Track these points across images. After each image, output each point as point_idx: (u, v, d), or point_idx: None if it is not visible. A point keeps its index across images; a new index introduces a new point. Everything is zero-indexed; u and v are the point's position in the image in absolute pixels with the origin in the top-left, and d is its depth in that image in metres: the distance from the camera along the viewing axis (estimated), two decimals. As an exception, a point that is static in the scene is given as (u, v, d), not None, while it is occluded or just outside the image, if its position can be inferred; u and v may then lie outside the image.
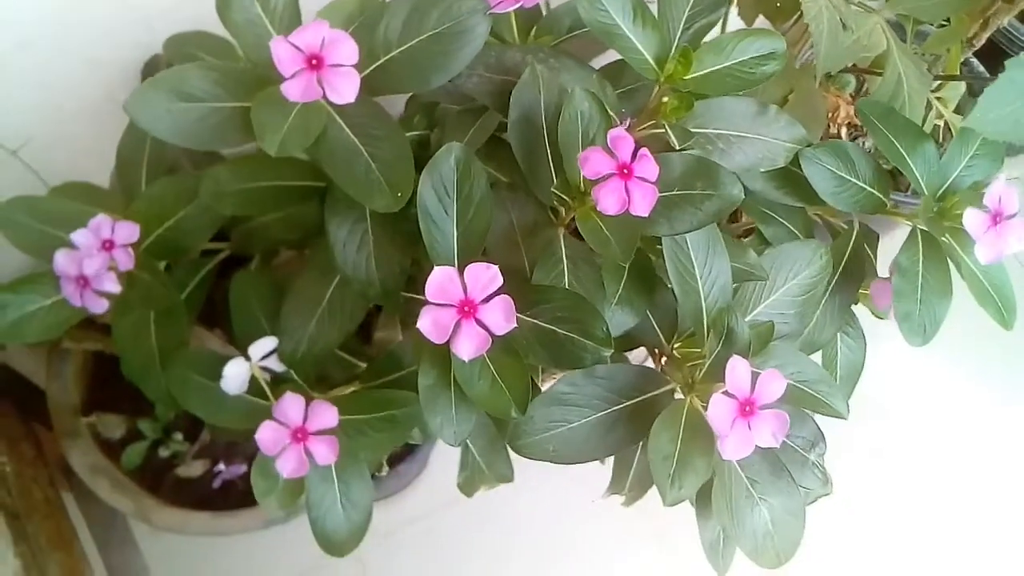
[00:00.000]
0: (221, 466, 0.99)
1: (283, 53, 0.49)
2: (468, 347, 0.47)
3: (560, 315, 0.49)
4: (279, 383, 0.63)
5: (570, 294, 0.50)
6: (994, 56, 1.12)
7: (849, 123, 0.98)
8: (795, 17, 0.81)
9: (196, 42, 0.72)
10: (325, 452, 0.58)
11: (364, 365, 0.67)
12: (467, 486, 0.66)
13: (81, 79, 0.80)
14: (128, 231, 0.61)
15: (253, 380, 0.61)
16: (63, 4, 0.72)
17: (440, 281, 0.47)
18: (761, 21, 0.88)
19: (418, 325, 0.47)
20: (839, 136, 1.00)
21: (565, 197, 0.51)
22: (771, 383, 0.48)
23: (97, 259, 0.61)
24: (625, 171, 0.47)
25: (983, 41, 0.84)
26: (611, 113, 0.56)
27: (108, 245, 0.61)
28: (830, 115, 0.95)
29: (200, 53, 0.72)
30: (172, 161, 0.67)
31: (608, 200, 0.47)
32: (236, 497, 0.98)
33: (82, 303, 0.62)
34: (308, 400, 0.59)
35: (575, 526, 1.05)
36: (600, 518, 0.94)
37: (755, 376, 0.48)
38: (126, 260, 0.61)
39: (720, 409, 0.46)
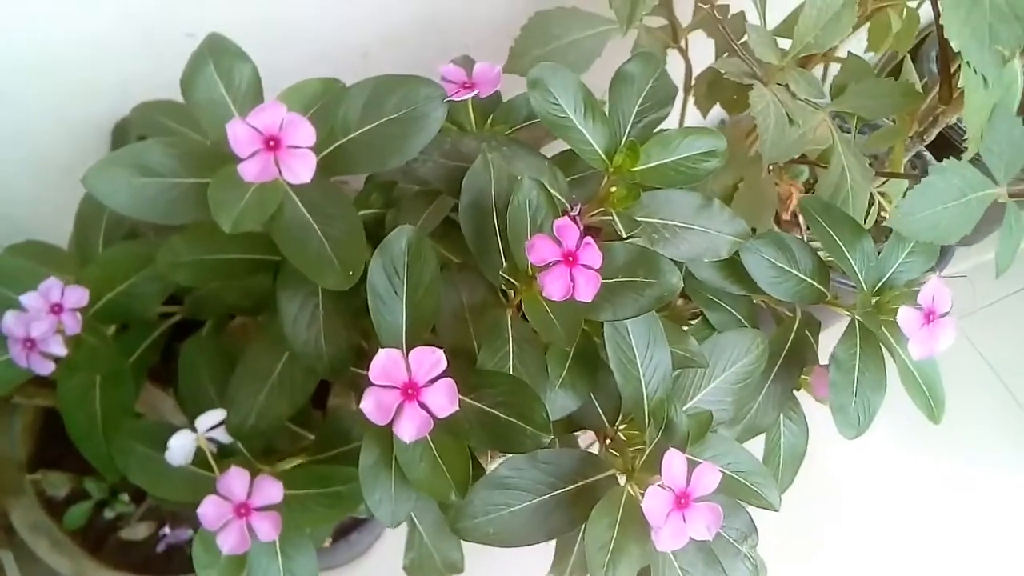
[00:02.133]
0: (166, 530, 0.97)
1: (240, 134, 0.50)
2: (410, 429, 0.48)
3: (502, 399, 0.50)
4: (225, 455, 0.62)
5: (512, 379, 0.51)
6: (946, 148, 1.17)
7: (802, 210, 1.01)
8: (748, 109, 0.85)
9: (164, 110, 0.74)
10: (268, 529, 0.58)
11: (312, 437, 0.67)
12: (415, 570, 0.65)
13: (52, 137, 0.81)
14: (77, 296, 0.61)
15: (198, 451, 0.61)
16: (41, 60, 0.74)
17: (384, 364, 0.48)
18: (716, 113, 0.92)
19: (360, 406, 0.48)
20: (793, 222, 1.04)
21: (513, 280, 0.52)
22: (706, 476, 0.49)
23: (45, 322, 0.61)
24: (570, 258, 0.48)
25: (933, 136, 0.88)
26: (561, 199, 0.59)
27: (57, 309, 0.61)
28: (784, 203, 0.98)
29: (167, 121, 0.73)
30: (131, 226, 0.68)
31: (553, 286, 0.48)
32: (180, 562, 0.96)
33: (28, 364, 0.62)
34: (253, 474, 0.59)
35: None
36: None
37: (692, 466, 0.49)
38: (73, 324, 0.61)
39: (655, 502, 0.47)
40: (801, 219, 1.06)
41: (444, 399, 0.48)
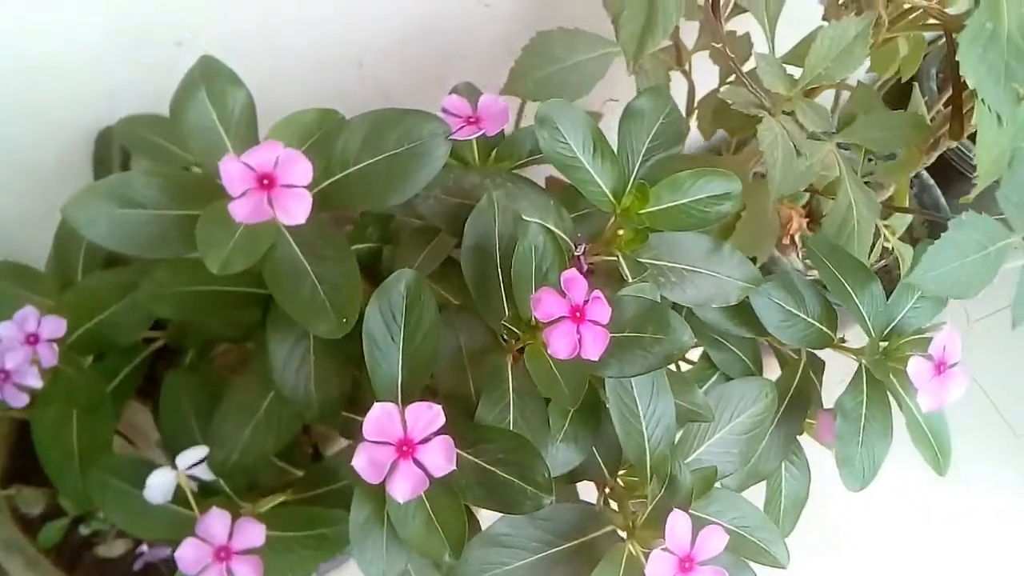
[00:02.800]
0: (144, 547, 0.94)
1: (233, 172, 0.47)
2: (404, 488, 0.45)
3: (502, 457, 0.48)
4: (207, 492, 0.60)
5: (513, 436, 0.48)
6: (944, 170, 1.16)
7: (801, 234, 1.00)
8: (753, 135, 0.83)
9: (149, 125, 0.71)
10: (249, 573, 0.55)
11: (298, 473, 0.64)
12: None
13: (34, 144, 0.78)
14: (54, 326, 0.59)
15: (178, 488, 0.59)
16: (26, 64, 0.70)
17: (379, 418, 0.46)
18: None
19: (353, 463, 0.45)
20: (791, 245, 1.02)
21: (515, 330, 0.50)
22: (712, 539, 0.47)
23: (20, 353, 0.58)
24: (577, 314, 0.46)
25: (934, 159, 0.87)
26: (566, 239, 0.56)
27: (32, 339, 0.58)
28: (784, 226, 0.97)
29: (153, 137, 0.70)
30: (111, 251, 0.65)
31: (559, 343, 0.46)
32: (156, 581, 0.93)
33: (1, 396, 0.59)
34: (235, 515, 0.56)
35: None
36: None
37: (696, 524, 0.47)
38: (50, 356, 0.58)
39: (659, 567, 0.45)
40: (798, 240, 1.05)
41: (441, 458, 0.46)
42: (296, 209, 0.48)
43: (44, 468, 0.63)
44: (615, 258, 0.57)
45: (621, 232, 0.54)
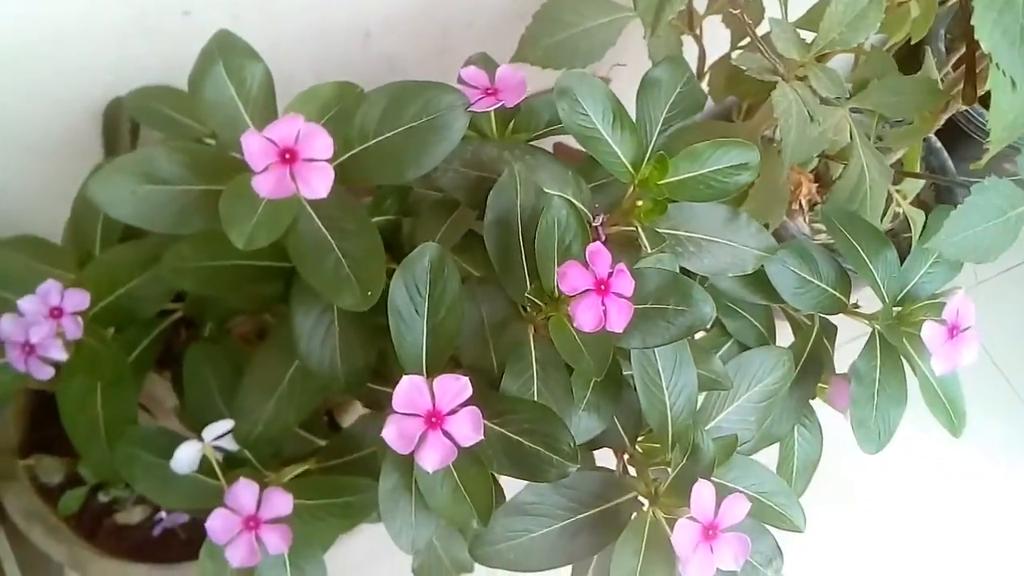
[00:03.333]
0: (162, 514, 0.96)
1: (255, 147, 0.47)
2: (433, 458, 0.46)
3: (527, 427, 0.48)
4: (232, 462, 0.61)
5: (538, 406, 0.49)
6: (950, 132, 1.15)
7: (810, 199, 1.00)
8: (764, 101, 0.83)
9: (160, 97, 0.70)
10: (277, 541, 0.56)
11: (321, 442, 0.65)
12: (424, 573, 0.65)
13: (41, 118, 0.77)
14: (78, 299, 0.59)
15: (204, 459, 0.60)
16: (30, 38, 0.70)
17: (407, 391, 0.46)
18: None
19: (383, 434, 0.46)
20: (799, 210, 1.02)
21: (539, 302, 0.50)
22: (735, 507, 0.48)
23: (44, 327, 0.58)
24: (602, 287, 0.47)
25: (943, 121, 0.86)
26: (585, 210, 0.56)
27: (56, 313, 0.59)
28: (793, 191, 0.97)
29: (164, 108, 0.70)
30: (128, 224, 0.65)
31: (585, 316, 0.46)
32: (176, 547, 0.95)
33: (27, 369, 0.60)
34: (261, 485, 0.57)
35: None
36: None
37: (717, 492, 0.48)
38: (74, 329, 0.59)
39: (684, 535, 0.46)
40: (805, 205, 1.05)
41: (469, 428, 0.47)
42: (318, 183, 0.48)
43: (71, 440, 0.64)
44: (633, 228, 0.57)
45: (640, 203, 0.55)
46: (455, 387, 0.47)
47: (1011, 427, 1.34)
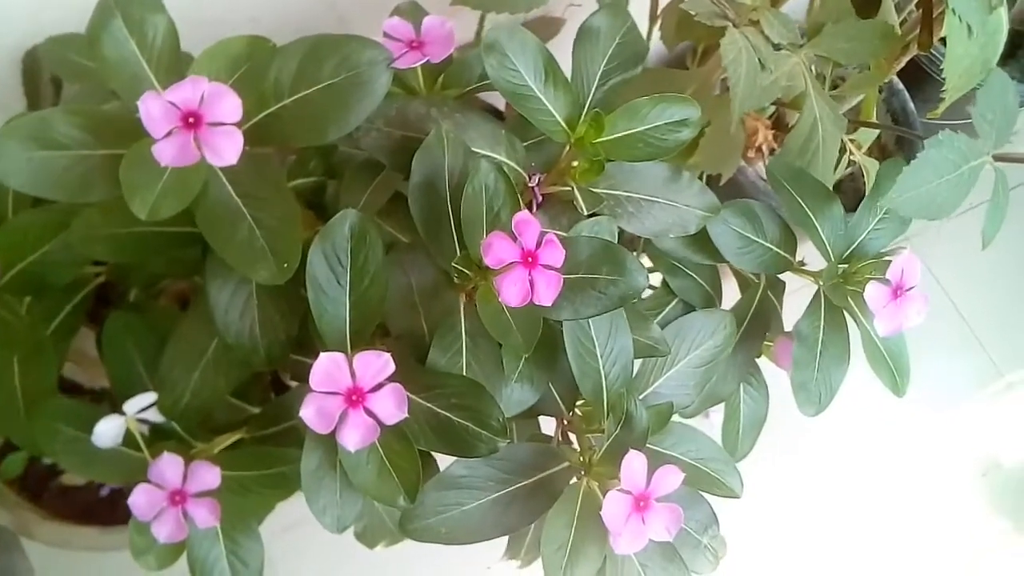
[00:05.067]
0: (108, 475, 0.94)
1: (155, 111, 0.44)
2: (354, 438, 0.45)
3: (456, 402, 0.47)
4: (159, 434, 0.59)
5: (467, 381, 0.47)
6: (913, 72, 1.13)
7: (767, 145, 0.98)
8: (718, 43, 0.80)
9: (76, 47, 0.66)
10: (206, 515, 0.55)
11: (253, 410, 0.63)
12: (367, 537, 0.64)
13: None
14: (-15, 269, 0.56)
15: (129, 432, 0.57)
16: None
17: (326, 368, 0.44)
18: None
19: (301, 414, 0.44)
20: (757, 157, 1.00)
21: (467, 271, 0.48)
22: (667, 478, 0.47)
23: (-50, 298, 0.55)
24: (530, 259, 0.44)
25: (903, 63, 0.84)
26: (519, 170, 0.54)
27: (-38, 284, 0.56)
28: (750, 137, 0.94)
29: (80, 59, 0.65)
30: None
31: (510, 291, 0.44)
32: (125, 507, 0.93)
33: (-65, 342, 0.57)
34: (188, 458, 0.56)
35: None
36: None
37: (652, 459, 0.47)
38: (-18, 301, 0.56)
39: (615, 507, 0.45)
40: (765, 149, 1.02)
41: (392, 405, 0.45)
42: (226, 149, 0.45)
43: (-12, 414, 0.61)
44: (569, 188, 0.54)
45: (576, 163, 0.52)
46: (377, 363, 0.45)
47: (966, 366, 1.35)
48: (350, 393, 0.44)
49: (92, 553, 0.94)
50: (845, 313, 0.62)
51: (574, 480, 0.51)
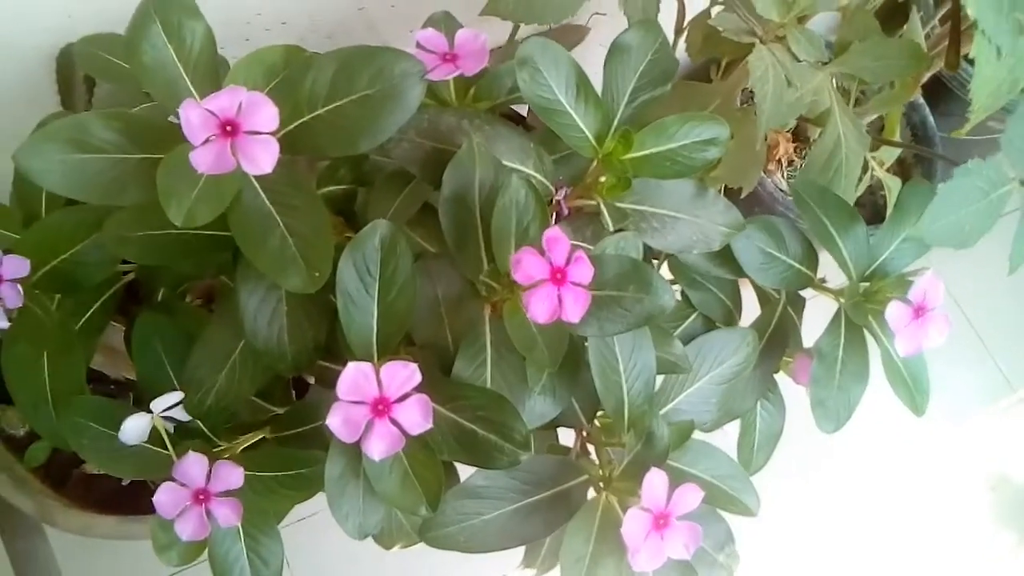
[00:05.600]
0: (131, 464, 0.95)
1: (194, 119, 0.44)
2: (380, 447, 0.45)
3: (480, 414, 0.47)
4: (183, 432, 0.60)
5: (491, 394, 0.48)
6: (935, 88, 1.12)
7: (788, 157, 0.98)
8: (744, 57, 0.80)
9: (109, 46, 0.66)
10: (228, 514, 0.56)
11: (277, 410, 0.64)
12: (383, 539, 0.64)
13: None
14: (16, 266, 0.56)
15: (155, 429, 0.58)
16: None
17: (353, 378, 0.45)
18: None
19: (327, 423, 0.45)
20: (779, 166, 1.00)
21: (494, 285, 0.49)
22: (687, 496, 0.47)
23: (-18, 293, 0.56)
24: (559, 276, 0.45)
25: (926, 78, 0.84)
26: (547, 184, 0.54)
27: (-6, 278, 0.56)
28: (771, 150, 0.95)
29: (114, 59, 0.66)
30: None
31: (539, 307, 0.45)
32: (146, 497, 0.93)
33: (-33, 336, 0.58)
34: (212, 458, 0.56)
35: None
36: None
37: (672, 476, 0.48)
38: (14, 297, 0.56)
39: (635, 525, 0.46)
40: (784, 161, 1.03)
41: (418, 416, 0.45)
42: (262, 158, 0.45)
43: (17, 407, 0.62)
44: (595, 203, 0.55)
45: (603, 179, 0.53)
46: (403, 374, 0.45)
47: (978, 380, 1.35)
48: (376, 403, 0.45)
49: (111, 541, 0.96)
50: (865, 331, 0.62)
51: (593, 494, 0.52)
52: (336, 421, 0.45)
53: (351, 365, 0.45)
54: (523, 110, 0.87)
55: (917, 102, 1.12)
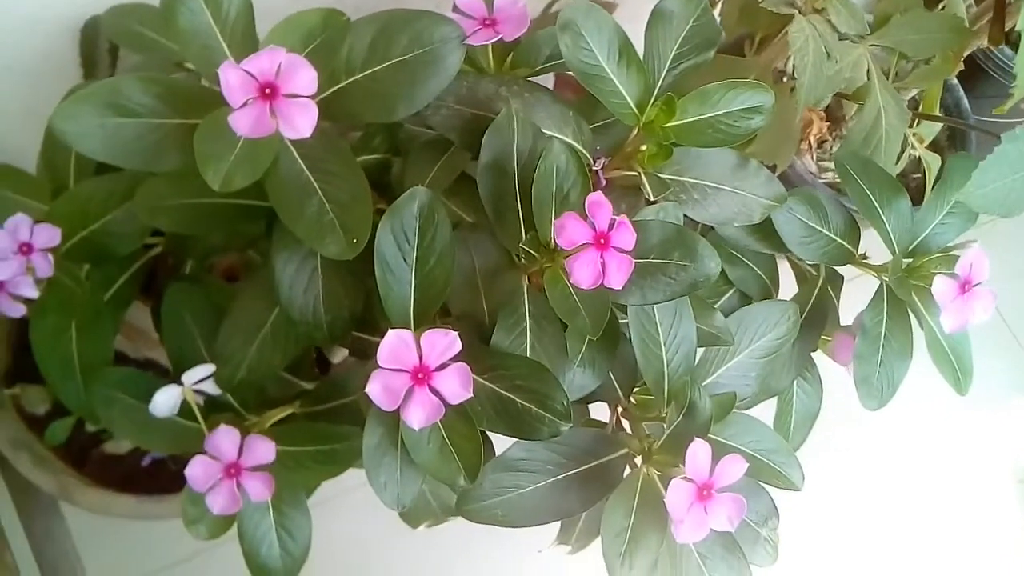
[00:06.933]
0: (151, 444, 0.95)
1: (233, 80, 0.44)
2: (420, 416, 0.44)
3: (520, 383, 0.46)
4: (213, 406, 0.59)
5: (531, 363, 0.47)
6: (968, 67, 1.10)
7: (820, 137, 0.96)
8: (779, 33, 0.78)
9: (138, 16, 0.66)
10: (260, 489, 0.55)
11: (306, 386, 0.63)
12: (411, 517, 0.64)
13: (15, 37, 0.73)
14: (48, 235, 0.56)
15: (185, 402, 0.58)
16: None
17: (393, 346, 0.44)
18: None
19: (367, 390, 0.44)
20: (810, 147, 0.99)
21: (534, 253, 0.48)
22: (730, 467, 0.46)
23: (13, 263, 0.56)
24: (602, 241, 0.44)
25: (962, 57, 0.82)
26: (586, 153, 0.53)
27: (26, 249, 0.56)
28: (804, 129, 0.93)
29: (143, 29, 0.65)
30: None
31: (582, 272, 0.44)
32: (166, 477, 0.94)
33: (-2, 306, 0.57)
34: (243, 431, 0.56)
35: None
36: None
37: (714, 450, 0.47)
38: (45, 266, 0.56)
39: (678, 495, 0.45)
40: (814, 142, 1.01)
41: (457, 385, 0.44)
42: (301, 121, 0.45)
43: (45, 378, 0.62)
44: (635, 173, 0.54)
45: (644, 147, 0.51)
46: (443, 342, 0.44)
47: (1011, 372, 1.33)
48: (416, 371, 0.44)
49: (128, 520, 0.96)
50: (908, 309, 0.61)
51: (631, 468, 0.51)
52: (376, 388, 0.44)
53: (391, 332, 0.44)
54: (548, 82, 0.86)
55: (951, 83, 1.10)
